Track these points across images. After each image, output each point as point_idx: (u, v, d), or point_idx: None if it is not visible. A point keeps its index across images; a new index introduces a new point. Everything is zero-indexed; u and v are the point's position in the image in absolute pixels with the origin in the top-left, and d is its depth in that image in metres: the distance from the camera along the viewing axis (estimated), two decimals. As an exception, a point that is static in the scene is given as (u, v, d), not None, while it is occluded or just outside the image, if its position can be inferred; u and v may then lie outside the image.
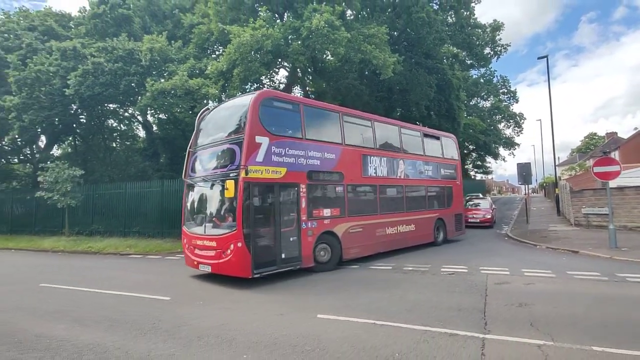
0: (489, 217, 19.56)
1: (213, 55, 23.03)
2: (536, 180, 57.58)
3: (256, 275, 8.17)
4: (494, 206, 21.49)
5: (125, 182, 19.34)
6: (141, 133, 30.29)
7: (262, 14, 18.82)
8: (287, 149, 8.93)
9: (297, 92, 26.69)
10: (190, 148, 9.64)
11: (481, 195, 25.72)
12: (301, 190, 9.13)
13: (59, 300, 7.49)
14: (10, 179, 26.12)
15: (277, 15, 20.05)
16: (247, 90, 22.44)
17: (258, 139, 8.38)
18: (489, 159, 48.53)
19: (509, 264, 9.86)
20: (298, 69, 21.57)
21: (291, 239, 8.86)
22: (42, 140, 27.00)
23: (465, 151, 46.24)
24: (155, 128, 26.81)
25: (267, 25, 17.09)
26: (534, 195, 60.27)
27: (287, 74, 23.31)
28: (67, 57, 19.55)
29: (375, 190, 11.34)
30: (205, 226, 8.69)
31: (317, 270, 9.39)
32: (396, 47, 22.26)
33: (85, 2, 25.02)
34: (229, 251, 8.04)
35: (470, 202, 21.36)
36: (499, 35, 27.71)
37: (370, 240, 10.93)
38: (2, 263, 12.77)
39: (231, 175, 8.18)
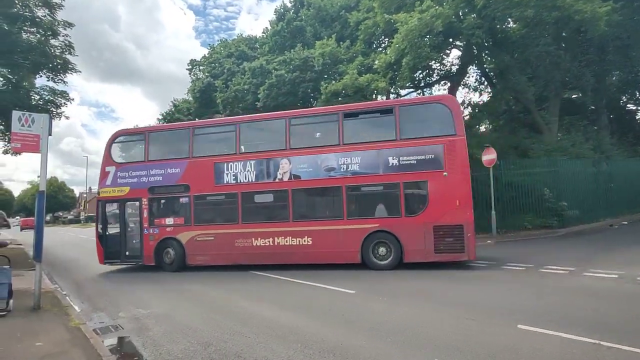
0: None
1: (379, 49, 23.61)
2: None
3: (107, 264, 12.13)
4: None
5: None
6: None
7: (428, -7, 18.19)
8: (130, 172, 11.93)
9: (472, 72, 24.71)
10: None
11: None
12: (143, 203, 11.79)
13: (263, 284, 9.10)
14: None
15: (446, -9, 19.03)
16: (416, 79, 22.11)
17: (107, 168, 12.15)
18: None
19: None
20: (473, 46, 19.91)
21: (134, 241, 11.94)
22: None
23: None
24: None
25: (435, 5, 16.41)
26: None
27: (460, 53, 21.84)
28: (255, 74, 23.42)
29: (235, 198, 11.08)
30: None
31: (165, 270, 11.55)
32: (608, -8, 17.99)
33: (267, 23, 29.64)
34: None
35: None
36: None
37: (225, 250, 11.11)
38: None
39: None
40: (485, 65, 22.33)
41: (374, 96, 20.34)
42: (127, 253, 11.98)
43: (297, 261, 10.65)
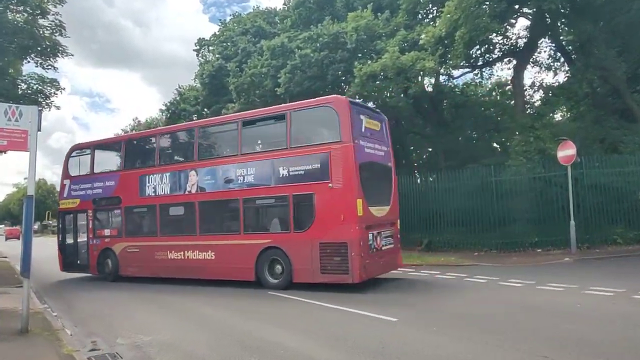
0: None
1: (426, 20, 23.39)
2: None
3: (64, 271, 15.29)
4: None
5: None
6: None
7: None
8: (80, 184, 14.91)
9: (545, 46, 24.06)
10: None
11: None
12: (89, 214, 14.63)
13: (285, 308, 9.21)
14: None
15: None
16: (473, 56, 21.76)
17: (64, 181, 15.45)
18: None
19: None
20: (546, 14, 19.42)
21: (83, 251, 14.85)
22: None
23: None
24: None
25: (497, -37, 16.12)
26: None
27: (528, 24, 21.31)
28: (275, 54, 23.67)
29: (154, 210, 13.25)
30: None
31: (106, 280, 14.06)
32: None
33: (288, -8, 29.90)
34: None
35: None
36: None
37: (148, 262, 13.27)
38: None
39: None
40: (561, 38, 21.71)
41: (419, 78, 20.18)
42: (78, 262, 15.09)
43: (206, 276, 12.33)
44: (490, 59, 22.91)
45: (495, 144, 25.37)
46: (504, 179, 16.05)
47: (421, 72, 18.57)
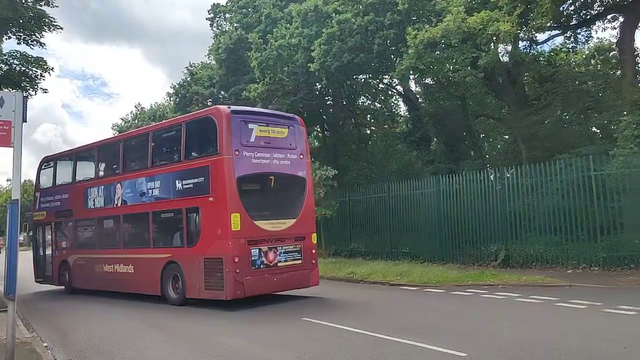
0: None
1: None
2: None
3: (37, 282, 18.80)
4: None
5: (386, 182, 21.77)
6: (403, 110, 33.35)
7: None
8: (46, 197, 18.82)
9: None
10: None
11: None
12: (52, 226, 18.46)
13: (325, 340, 9.13)
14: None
15: None
16: (565, 13, 21.10)
17: (36, 193, 19.99)
18: None
19: None
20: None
21: (48, 263, 18.45)
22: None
23: None
24: (421, 100, 28.94)
25: None
26: None
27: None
28: (308, 21, 23.75)
29: (94, 223, 16.56)
30: None
31: (66, 292, 17.47)
32: None
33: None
34: None
35: None
36: None
37: (92, 274, 16.17)
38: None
39: None
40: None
41: (492, 45, 19.74)
42: (46, 273, 18.65)
43: (128, 289, 14.76)
44: (588, 17, 22.10)
45: (594, 128, 24.50)
46: (608, 172, 15.42)
47: (494, 38, 18.15)
